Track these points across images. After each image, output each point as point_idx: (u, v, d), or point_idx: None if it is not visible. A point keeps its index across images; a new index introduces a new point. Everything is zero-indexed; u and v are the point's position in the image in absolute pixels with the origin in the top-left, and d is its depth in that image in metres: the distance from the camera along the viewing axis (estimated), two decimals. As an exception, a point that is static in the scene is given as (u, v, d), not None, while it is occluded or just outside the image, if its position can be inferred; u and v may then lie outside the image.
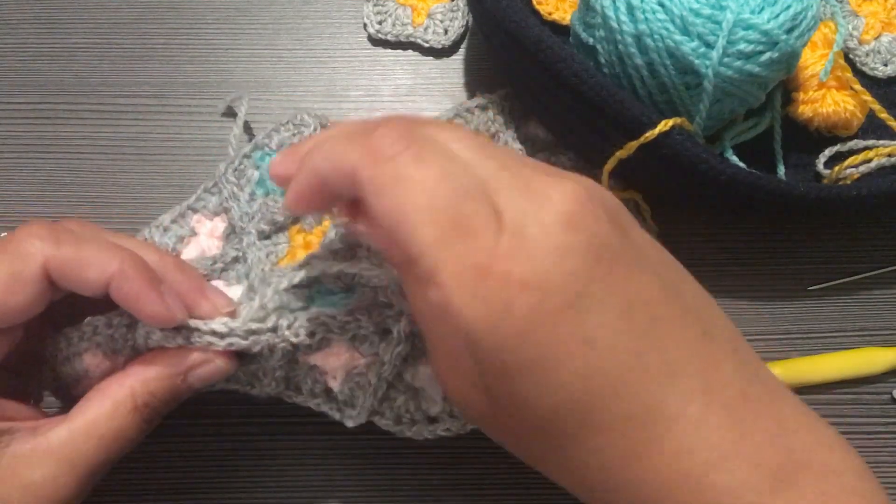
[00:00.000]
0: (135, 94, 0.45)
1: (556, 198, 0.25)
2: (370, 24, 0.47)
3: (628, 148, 0.37)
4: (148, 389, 0.31)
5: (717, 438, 0.24)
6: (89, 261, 0.29)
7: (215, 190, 0.40)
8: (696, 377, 0.25)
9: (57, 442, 0.29)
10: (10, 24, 0.47)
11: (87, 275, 0.29)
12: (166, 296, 0.30)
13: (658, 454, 0.24)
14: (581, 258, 0.24)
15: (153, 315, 0.30)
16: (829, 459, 0.26)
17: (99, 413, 0.30)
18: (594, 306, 0.24)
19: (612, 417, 0.24)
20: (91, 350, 0.32)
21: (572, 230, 0.24)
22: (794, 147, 0.44)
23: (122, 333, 0.32)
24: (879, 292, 0.42)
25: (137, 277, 0.29)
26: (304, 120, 0.40)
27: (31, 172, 0.44)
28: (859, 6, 0.48)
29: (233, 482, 0.38)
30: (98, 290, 0.29)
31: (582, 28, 0.40)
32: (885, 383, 0.41)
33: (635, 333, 0.24)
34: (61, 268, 0.29)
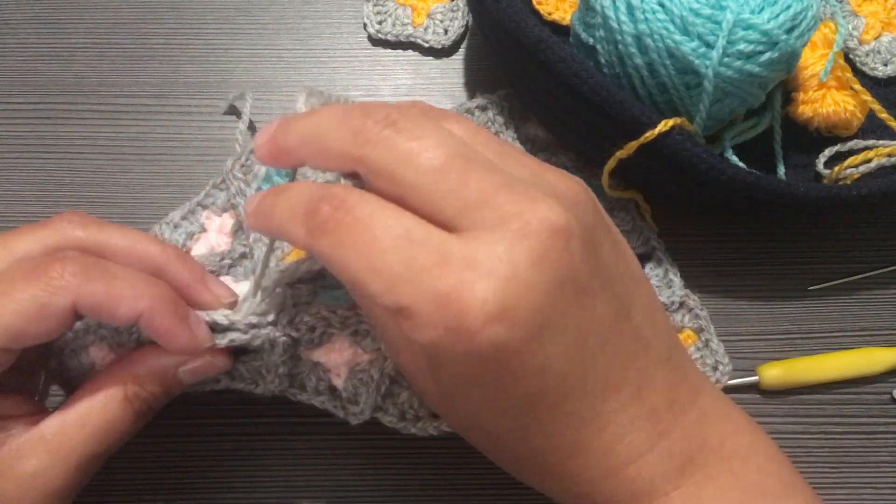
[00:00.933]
0: (135, 94, 0.45)
1: (536, 229, 0.25)
2: (370, 24, 0.47)
3: (628, 148, 0.37)
4: (139, 383, 0.31)
5: (638, 440, 0.28)
6: (119, 298, 0.29)
7: (223, 186, 0.40)
8: (631, 391, 0.28)
9: (49, 433, 0.29)
10: (10, 24, 0.47)
11: (117, 312, 0.29)
12: (195, 327, 0.31)
13: (590, 452, 0.28)
14: (546, 293, 0.25)
15: (182, 348, 0.30)
16: (739, 444, 0.30)
17: (91, 404, 0.30)
18: (554, 337, 0.26)
19: (556, 423, 0.28)
20: (97, 343, 0.32)
21: (541, 266, 0.25)
22: (794, 147, 0.44)
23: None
24: (879, 292, 0.42)
25: (168, 314, 0.30)
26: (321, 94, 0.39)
27: (31, 172, 0.44)
28: (859, 6, 0.48)
29: (233, 482, 0.38)
30: (127, 323, 0.30)
31: (582, 28, 0.40)
32: (885, 383, 0.41)
33: (585, 359, 0.27)
34: (91, 306, 0.29)
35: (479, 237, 0.25)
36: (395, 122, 0.27)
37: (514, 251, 0.25)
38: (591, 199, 0.29)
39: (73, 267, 0.29)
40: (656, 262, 0.41)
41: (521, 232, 0.25)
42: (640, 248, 0.41)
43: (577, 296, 0.26)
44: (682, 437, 0.29)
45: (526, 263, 0.25)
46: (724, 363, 0.39)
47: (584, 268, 0.26)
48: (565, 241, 0.26)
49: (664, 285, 0.41)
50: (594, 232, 0.28)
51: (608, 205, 0.42)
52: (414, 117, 0.27)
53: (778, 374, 0.40)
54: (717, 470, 0.29)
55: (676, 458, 0.29)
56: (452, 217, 0.26)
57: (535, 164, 0.29)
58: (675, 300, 0.40)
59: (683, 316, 0.40)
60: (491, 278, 0.24)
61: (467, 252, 0.25)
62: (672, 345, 0.31)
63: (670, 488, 0.29)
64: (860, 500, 0.39)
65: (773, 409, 0.40)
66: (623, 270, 0.29)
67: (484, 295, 0.24)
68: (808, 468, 0.39)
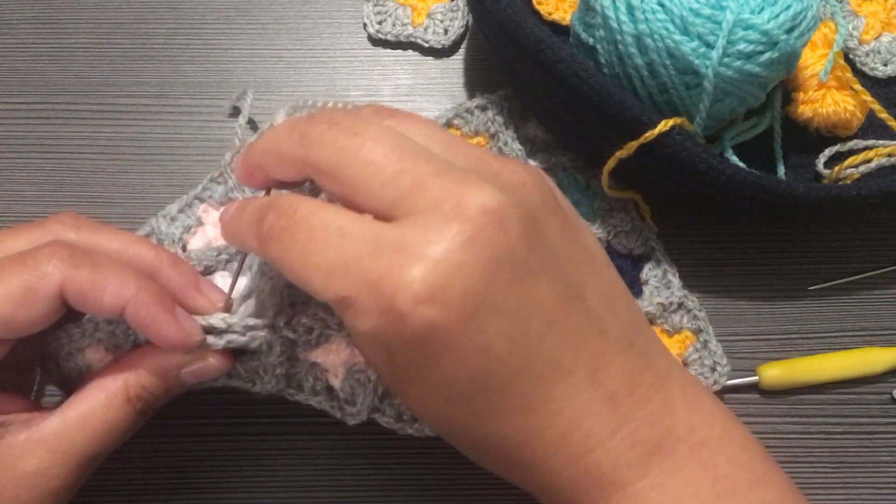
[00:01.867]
0: (135, 94, 0.45)
1: (468, 211, 0.25)
2: (370, 24, 0.47)
3: (628, 148, 0.37)
4: (140, 383, 0.31)
5: (597, 426, 0.28)
6: (106, 285, 0.29)
7: (221, 180, 0.40)
8: (584, 373, 0.28)
9: (50, 433, 0.29)
10: (10, 24, 0.47)
11: (103, 299, 0.29)
12: (182, 319, 0.31)
13: (545, 439, 0.28)
14: (480, 274, 0.25)
15: (170, 339, 0.30)
16: (709, 433, 0.29)
17: (92, 405, 0.30)
18: (492, 317, 0.26)
19: (506, 408, 0.27)
20: (93, 346, 0.32)
21: (473, 246, 0.25)
22: (794, 147, 0.44)
23: (124, 329, 0.32)
24: (879, 292, 0.42)
25: (153, 303, 0.30)
26: (306, 104, 0.40)
27: (31, 172, 0.44)
28: (859, 6, 0.48)
29: (233, 482, 0.38)
30: (112, 313, 0.30)
31: (582, 28, 0.40)
32: (885, 383, 0.41)
33: (529, 340, 0.27)
34: (77, 291, 0.29)
35: (412, 222, 0.26)
36: (338, 123, 0.28)
37: (444, 233, 0.25)
38: (538, 182, 0.29)
39: (60, 253, 0.29)
40: (655, 262, 0.41)
41: (451, 214, 0.25)
42: (638, 248, 0.41)
43: (515, 276, 0.26)
44: (646, 424, 0.28)
45: (456, 244, 0.25)
46: (723, 364, 0.39)
47: (522, 248, 0.26)
48: (499, 222, 0.26)
49: (663, 286, 0.41)
50: (538, 214, 0.28)
51: (608, 205, 0.42)
52: (356, 116, 0.28)
53: (778, 374, 0.40)
54: (684, 460, 0.29)
55: (640, 445, 0.28)
56: (389, 207, 0.26)
57: (480, 154, 0.29)
58: (674, 301, 0.40)
59: (682, 317, 0.40)
60: (420, 260, 0.25)
61: (398, 237, 0.25)
62: (637, 330, 0.30)
63: (635, 477, 0.28)
64: (860, 500, 0.39)
65: (773, 409, 0.40)
66: (574, 253, 0.29)
67: (412, 276, 0.25)
68: (808, 468, 0.39)
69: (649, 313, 0.40)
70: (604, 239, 0.41)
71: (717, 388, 0.39)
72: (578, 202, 0.42)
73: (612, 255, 0.41)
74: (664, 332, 0.40)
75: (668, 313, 0.40)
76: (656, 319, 0.40)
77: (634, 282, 0.41)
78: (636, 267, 0.41)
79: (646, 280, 0.41)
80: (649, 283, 0.41)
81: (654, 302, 0.40)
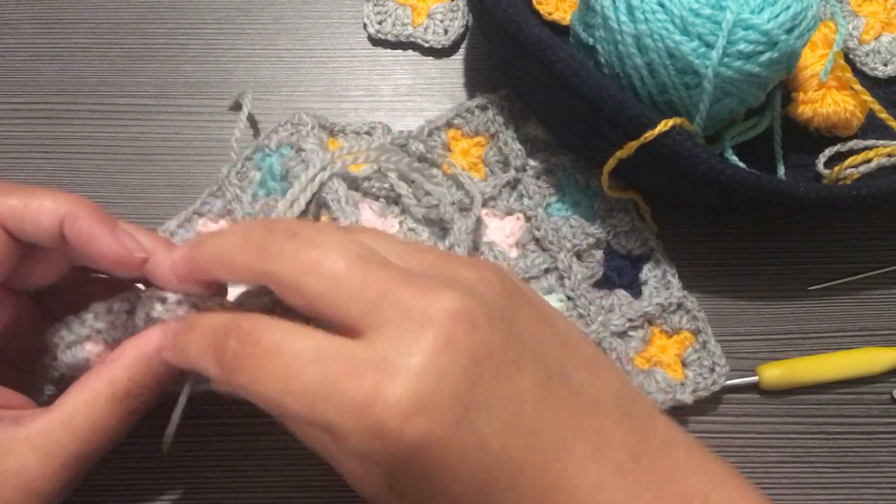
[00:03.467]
0: (135, 94, 0.45)
1: (438, 316, 0.25)
2: (370, 24, 0.47)
3: (628, 148, 0.37)
4: (126, 376, 0.30)
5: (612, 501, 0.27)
6: (39, 206, 0.30)
7: (219, 193, 0.41)
8: (588, 450, 0.27)
9: (35, 432, 0.29)
10: (10, 24, 0.47)
11: (39, 220, 0.30)
12: (122, 235, 0.31)
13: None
14: (463, 375, 0.25)
15: (110, 253, 0.30)
16: (726, 494, 0.29)
17: (76, 404, 0.30)
18: (482, 414, 0.25)
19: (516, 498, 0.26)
20: (93, 337, 0.32)
21: (450, 351, 0.25)
22: (794, 147, 0.44)
23: (123, 320, 0.32)
24: (879, 292, 0.42)
25: (88, 216, 0.30)
26: (301, 119, 0.40)
27: (31, 172, 0.44)
28: (859, 6, 0.48)
29: (234, 482, 0.38)
30: (54, 234, 0.30)
31: (582, 28, 0.40)
32: (885, 383, 0.41)
33: (524, 430, 0.26)
34: (13, 215, 0.29)
35: (385, 336, 0.25)
36: (296, 234, 0.27)
37: (419, 343, 0.25)
38: (497, 275, 0.29)
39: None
40: (654, 262, 0.41)
41: (423, 323, 0.25)
42: (638, 248, 0.41)
43: (497, 370, 0.26)
44: (658, 493, 0.28)
45: (433, 352, 0.25)
46: (721, 364, 0.39)
47: (497, 342, 0.26)
48: (469, 322, 0.26)
49: (662, 286, 0.41)
50: (504, 307, 0.28)
51: (608, 205, 0.42)
52: (313, 228, 0.28)
53: (778, 374, 0.40)
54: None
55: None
56: (359, 320, 0.26)
57: (435, 257, 0.30)
58: (673, 301, 0.40)
59: (681, 317, 0.40)
60: (402, 374, 0.25)
61: (375, 354, 0.25)
62: (629, 396, 0.30)
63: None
64: (861, 500, 0.39)
65: (773, 409, 0.40)
66: (548, 336, 0.29)
67: (398, 393, 0.24)
68: (808, 468, 0.39)
69: (648, 313, 0.40)
70: (603, 239, 0.41)
71: (715, 388, 0.39)
72: (578, 202, 0.42)
73: (612, 255, 0.41)
74: (663, 332, 0.40)
75: (667, 314, 0.40)
76: (655, 320, 0.40)
77: (634, 282, 0.41)
78: (635, 267, 0.41)
79: (645, 280, 0.41)
80: (649, 283, 0.41)
81: (653, 302, 0.40)
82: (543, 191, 0.42)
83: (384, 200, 0.40)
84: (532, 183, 0.42)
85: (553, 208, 0.42)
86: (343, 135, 0.42)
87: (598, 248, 0.41)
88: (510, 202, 0.42)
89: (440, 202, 0.39)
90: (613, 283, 0.41)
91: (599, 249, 0.41)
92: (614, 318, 0.40)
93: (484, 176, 0.43)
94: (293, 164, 0.38)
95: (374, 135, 0.42)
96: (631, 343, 0.40)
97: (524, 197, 0.42)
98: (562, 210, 0.42)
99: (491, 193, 0.42)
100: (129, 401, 0.31)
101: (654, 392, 0.38)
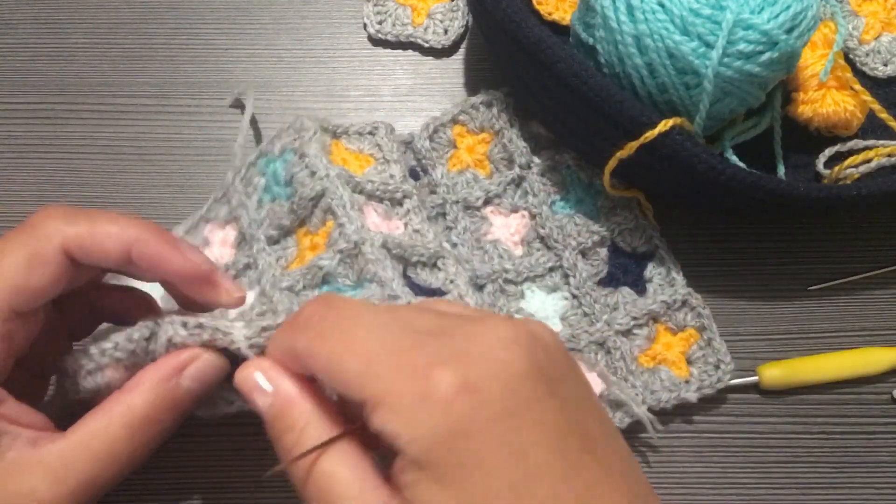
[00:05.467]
0: (135, 94, 0.45)
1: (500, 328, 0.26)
2: (370, 24, 0.47)
3: (628, 148, 0.37)
4: (143, 401, 0.30)
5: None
6: (106, 233, 0.30)
7: (224, 200, 0.40)
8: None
9: (49, 456, 0.29)
10: (10, 24, 0.47)
11: (106, 246, 0.30)
12: (188, 251, 0.32)
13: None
14: (522, 375, 0.25)
15: (180, 269, 0.31)
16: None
17: (93, 429, 0.30)
18: (531, 423, 0.25)
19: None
20: (112, 365, 0.32)
21: (514, 349, 0.26)
22: (794, 147, 0.44)
23: (143, 347, 0.31)
24: (879, 292, 0.42)
25: (156, 240, 0.31)
26: (304, 124, 0.40)
27: (31, 172, 0.44)
28: (859, 6, 0.48)
29: (234, 482, 0.38)
30: (120, 259, 0.31)
31: (582, 28, 0.40)
32: (885, 383, 0.41)
33: (567, 460, 0.25)
34: (80, 244, 0.30)
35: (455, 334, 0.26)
36: None
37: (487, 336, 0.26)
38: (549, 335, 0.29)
39: (54, 213, 0.30)
40: (659, 260, 0.41)
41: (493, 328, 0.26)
42: (642, 246, 0.41)
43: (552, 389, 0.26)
44: None
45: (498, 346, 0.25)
46: (727, 362, 0.39)
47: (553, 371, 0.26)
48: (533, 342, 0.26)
49: (667, 283, 0.41)
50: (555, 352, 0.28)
51: (611, 203, 0.42)
52: None
53: (778, 374, 0.40)
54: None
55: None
56: None
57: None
58: (678, 298, 0.40)
59: (686, 314, 0.40)
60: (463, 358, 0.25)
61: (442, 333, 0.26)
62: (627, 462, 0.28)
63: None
64: (860, 500, 0.39)
65: (773, 409, 0.40)
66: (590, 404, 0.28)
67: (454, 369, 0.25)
68: (808, 468, 0.39)
69: (653, 311, 0.40)
70: (608, 237, 0.41)
71: (720, 385, 0.39)
72: (582, 200, 0.42)
73: (617, 253, 0.41)
74: (668, 329, 0.40)
75: (672, 311, 0.40)
76: (660, 317, 0.40)
77: (638, 279, 0.41)
78: (640, 265, 0.41)
79: (650, 278, 0.41)
80: (653, 280, 0.41)
81: (657, 300, 0.40)
82: (548, 188, 0.42)
83: (388, 203, 0.40)
84: (537, 180, 0.42)
85: (557, 206, 0.42)
86: (346, 136, 0.42)
87: (603, 246, 0.41)
88: (515, 199, 0.42)
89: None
90: (618, 280, 0.41)
91: (604, 247, 0.41)
92: (619, 315, 0.40)
93: (489, 173, 0.43)
94: (297, 171, 0.38)
95: (378, 134, 0.42)
96: (636, 341, 0.40)
97: (529, 194, 0.42)
98: (566, 208, 0.42)
99: (496, 191, 0.42)
100: (148, 427, 0.30)
101: (658, 390, 0.38)
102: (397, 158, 0.41)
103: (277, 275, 0.37)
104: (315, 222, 0.38)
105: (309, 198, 0.37)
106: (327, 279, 0.36)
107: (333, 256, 0.36)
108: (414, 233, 0.39)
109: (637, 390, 0.38)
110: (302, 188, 0.38)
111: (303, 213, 0.38)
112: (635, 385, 0.38)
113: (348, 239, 0.36)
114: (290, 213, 0.38)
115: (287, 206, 0.38)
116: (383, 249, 0.36)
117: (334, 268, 0.36)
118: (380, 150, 0.41)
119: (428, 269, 0.38)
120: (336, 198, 0.37)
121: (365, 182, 0.39)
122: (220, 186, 0.41)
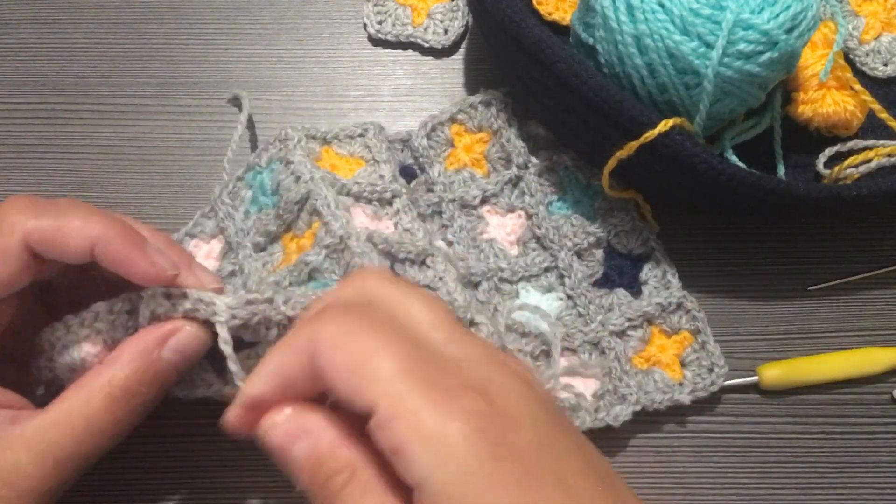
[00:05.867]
0: (135, 94, 0.45)
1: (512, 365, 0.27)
2: (370, 24, 0.47)
3: (628, 148, 0.37)
4: (124, 374, 0.30)
5: None
6: (70, 229, 0.29)
7: (211, 214, 0.41)
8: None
9: (30, 430, 0.29)
10: (10, 24, 0.47)
11: (68, 242, 0.29)
12: (153, 254, 0.30)
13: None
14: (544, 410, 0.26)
15: (143, 273, 0.30)
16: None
17: (73, 403, 0.30)
18: (562, 452, 0.25)
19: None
20: (91, 338, 0.31)
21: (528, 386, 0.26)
22: (794, 147, 0.44)
23: (124, 321, 0.31)
24: (879, 292, 0.42)
25: (120, 240, 0.30)
26: (288, 134, 0.40)
27: (30, 172, 0.44)
28: (859, 6, 0.48)
29: (234, 482, 0.38)
30: (83, 256, 0.30)
31: (582, 28, 0.40)
32: (885, 383, 0.41)
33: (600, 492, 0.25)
34: (42, 239, 0.29)
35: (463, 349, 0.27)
36: None
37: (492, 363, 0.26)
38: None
39: (19, 205, 0.30)
40: (655, 262, 0.41)
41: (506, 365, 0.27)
42: (638, 248, 0.41)
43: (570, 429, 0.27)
44: None
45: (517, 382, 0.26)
46: (720, 365, 0.39)
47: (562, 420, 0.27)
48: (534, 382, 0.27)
49: (662, 286, 0.41)
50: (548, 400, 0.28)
51: (608, 204, 0.42)
52: None
53: (778, 374, 0.40)
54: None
55: None
56: None
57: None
58: (673, 301, 0.40)
59: (681, 317, 0.40)
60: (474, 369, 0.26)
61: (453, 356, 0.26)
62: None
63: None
64: (860, 500, 0.39)
65: (773, 409, 0.40)
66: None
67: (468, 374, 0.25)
68: (808, 468, 0.39)
69: (648, 313, 0.40)
70: (604, 238, 0.41)
71: (714, 388, 0.39)
72: (579, 201, 0.42)
73: (612, 254, 0.41)
74: (663, 332, 0.40)
75: (666, 314, 0.40)
76: (655, 319, 0.40)
77: (634, 281, 0.41)
78: (636, 267, 0.41)
79: (645, 280, 0.41)
80: (649, 283, 0.41)
81: (652, 302, 0.40)
82: (545, 189, 0.42)
83: (377, 203, 0.40)
84: (534, 180, 0.42)
85: (554, 206, 0.42)
86: (337, 141, 0.42)
87: (599, 247, 0.41)
88: (512, 199, 0.42)
89: None
90: (613, 282, 0.41)
91: (600, 248, 0.41)
92: (613, 317, 0.40)
93: (486, 172, 0.43)
94: (283, 178, 0.38)
95: (367, 135, 0.42)
96: (630, 342, 0.40)
97: (526, 194, 0.42)
98: (563, 208, 0.42)
99: (493, 190, 0.42)
100: (128, 400, 0.30)
101: (652, 392, 0.38)
102: (387, 158, 0.41)
103: (264, 276, 0.37)
104: (301, 225, 0.38)
105: (294, 201, 0.38)
106: (314, 275, 0.36)
107: (320, 252, 0.36)
108: (403, 231, 0.39)
109: (631, 390, 0.38)
110: (287, 193, 0.38)
111: (289, 218, 0.38)
112: (629, 385, 0.38)
113: (334, 234, 0.36)
114: (276, 219, 0.38)
115: (273, 212, 0.38)
116: (369, 243, 0.36)
117: (321, 263, 0.36)
118: (369, 152, 0.41)
119: (416, 267, 0.38)
120: (321, 198, 0.37)
121: (352, 184, 0.39)
122: (214, 180, 0.41)
